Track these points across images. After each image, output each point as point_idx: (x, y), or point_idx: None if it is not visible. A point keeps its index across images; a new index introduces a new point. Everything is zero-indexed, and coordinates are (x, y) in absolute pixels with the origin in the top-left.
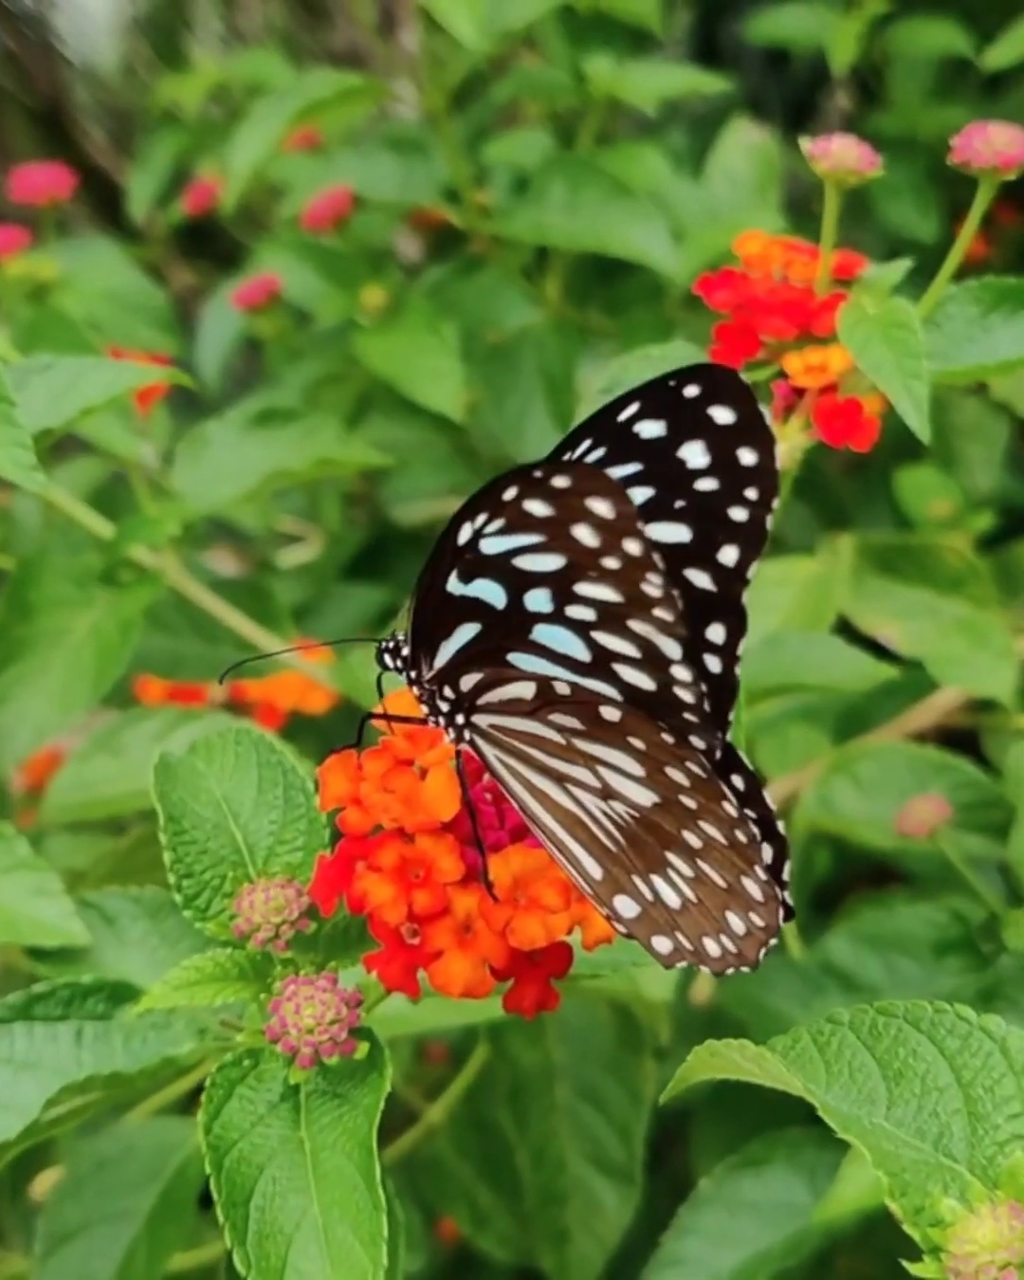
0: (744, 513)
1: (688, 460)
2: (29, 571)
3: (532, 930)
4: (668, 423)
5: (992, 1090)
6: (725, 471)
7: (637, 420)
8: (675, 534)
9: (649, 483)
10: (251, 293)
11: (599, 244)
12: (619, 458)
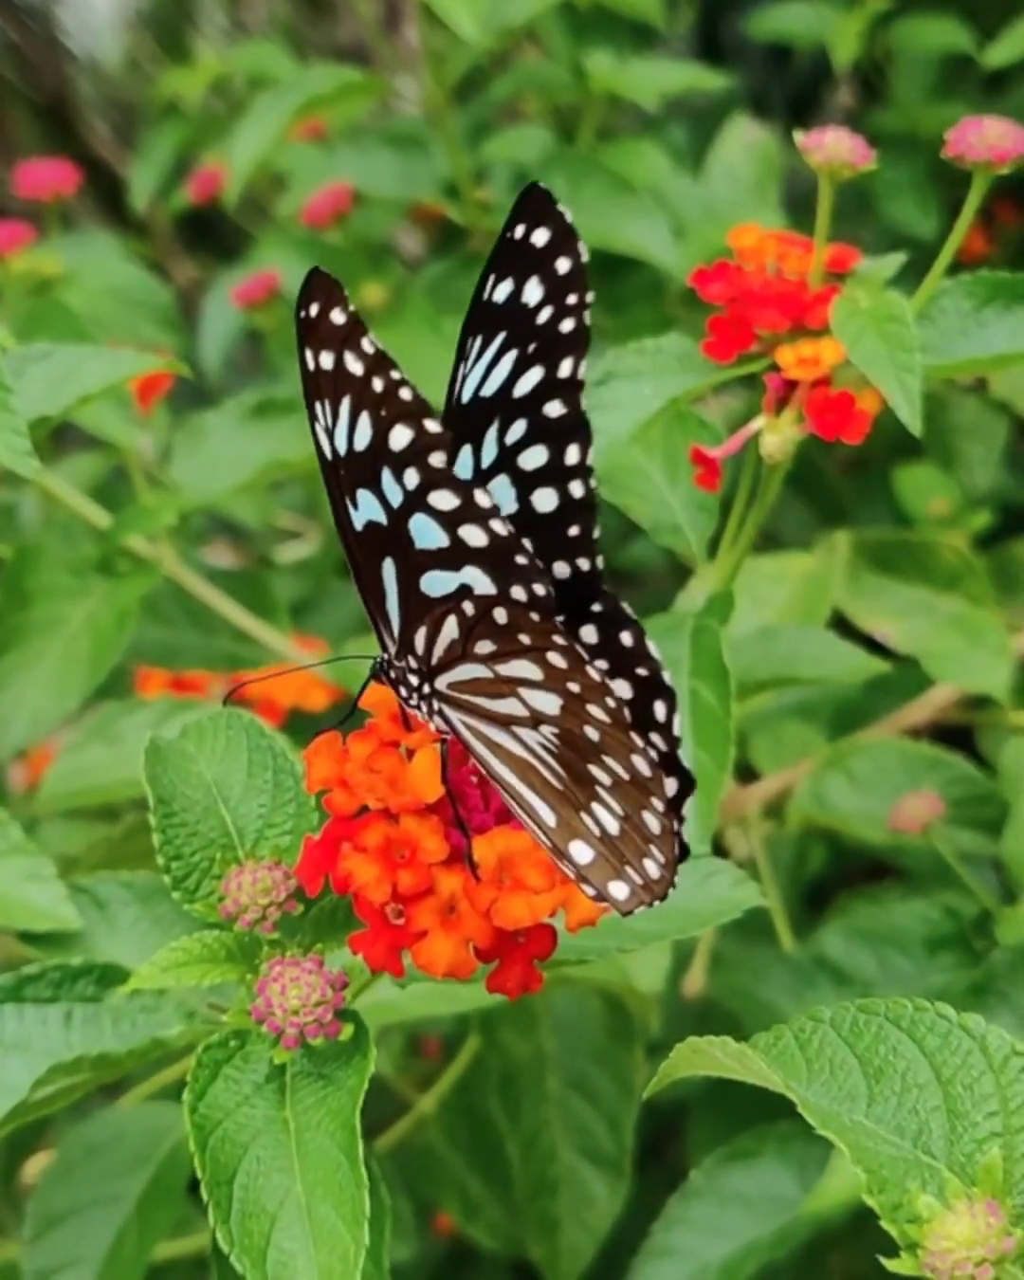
0: (571, 322)
1: (530, 300)
2: (26, 560)
3: (516, 910)
4: (512, 276)
5: (971, 1088)
6: (553, 291)
7: (493, 290)
8: (534, 376)
9: (512, 344)
10: (251, 289)
11: (599, 240)
12: (491, 332)
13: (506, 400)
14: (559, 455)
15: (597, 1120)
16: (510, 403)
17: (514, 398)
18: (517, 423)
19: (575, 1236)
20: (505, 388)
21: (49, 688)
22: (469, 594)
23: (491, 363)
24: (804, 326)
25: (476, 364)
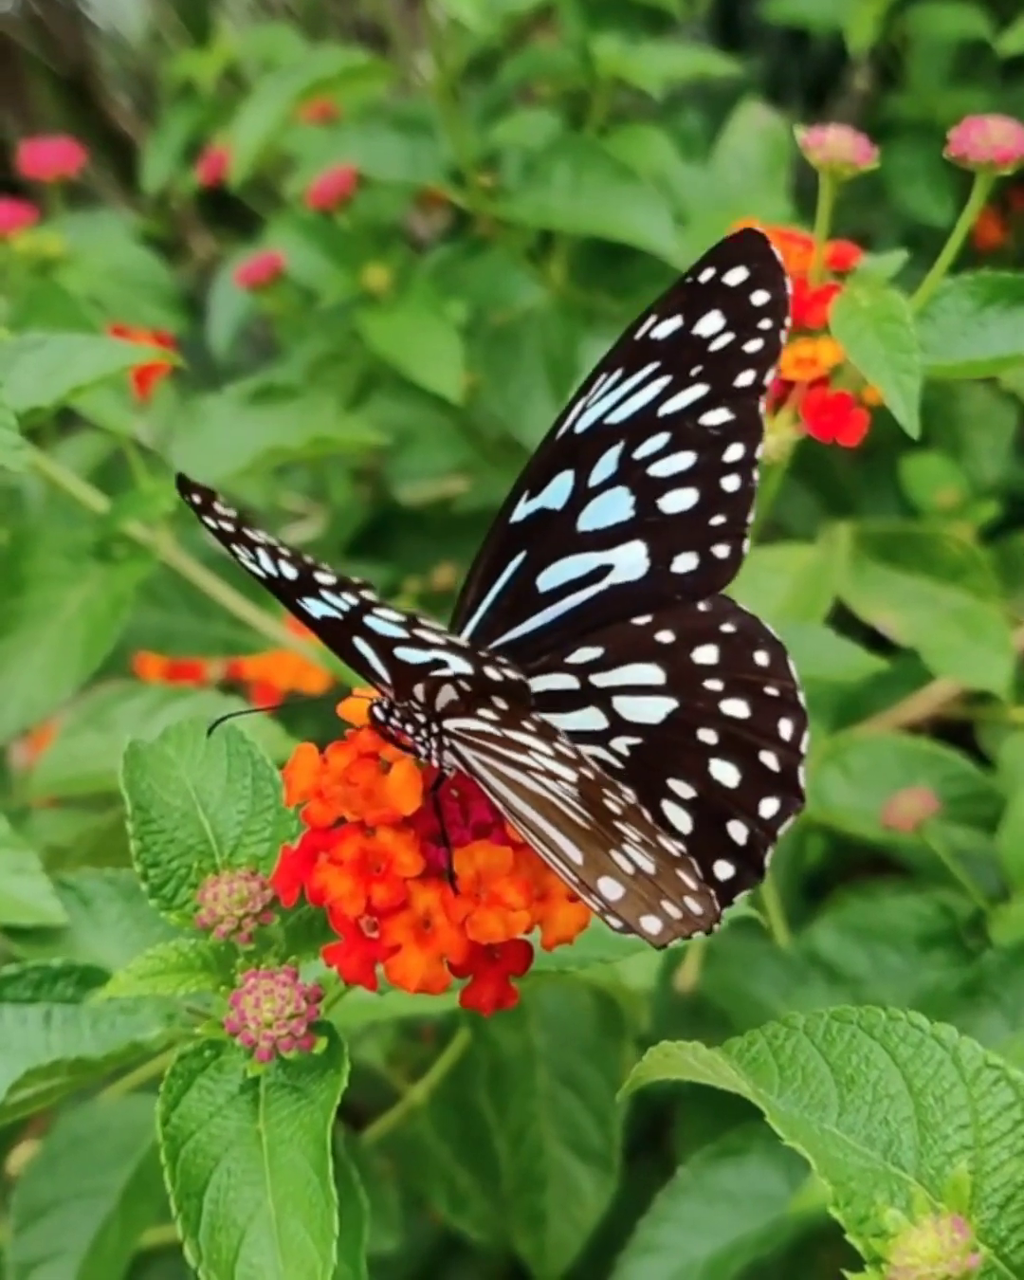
0: (758, 342)
1: (704, 331)
2: (22, 544)
3: (491, 925)
4: (683, 314)
5: (942, 1100)
6: (738, 321)
7: (653, 329)
8: (693, 394)
9: (665, 372)
10: (255, 270)
11: (601, 228)
12: (636, 365)
13: (645, 420)
14: (715, 455)
15: (585, 1115)
16: (650, 421)
17: (658, 416)
18: (654, 438)
19: (562, 1231)
20: (647, 409)
21: (43, 674)
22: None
23: (632, 391)
24: (803, 325)
25: (608, 395)
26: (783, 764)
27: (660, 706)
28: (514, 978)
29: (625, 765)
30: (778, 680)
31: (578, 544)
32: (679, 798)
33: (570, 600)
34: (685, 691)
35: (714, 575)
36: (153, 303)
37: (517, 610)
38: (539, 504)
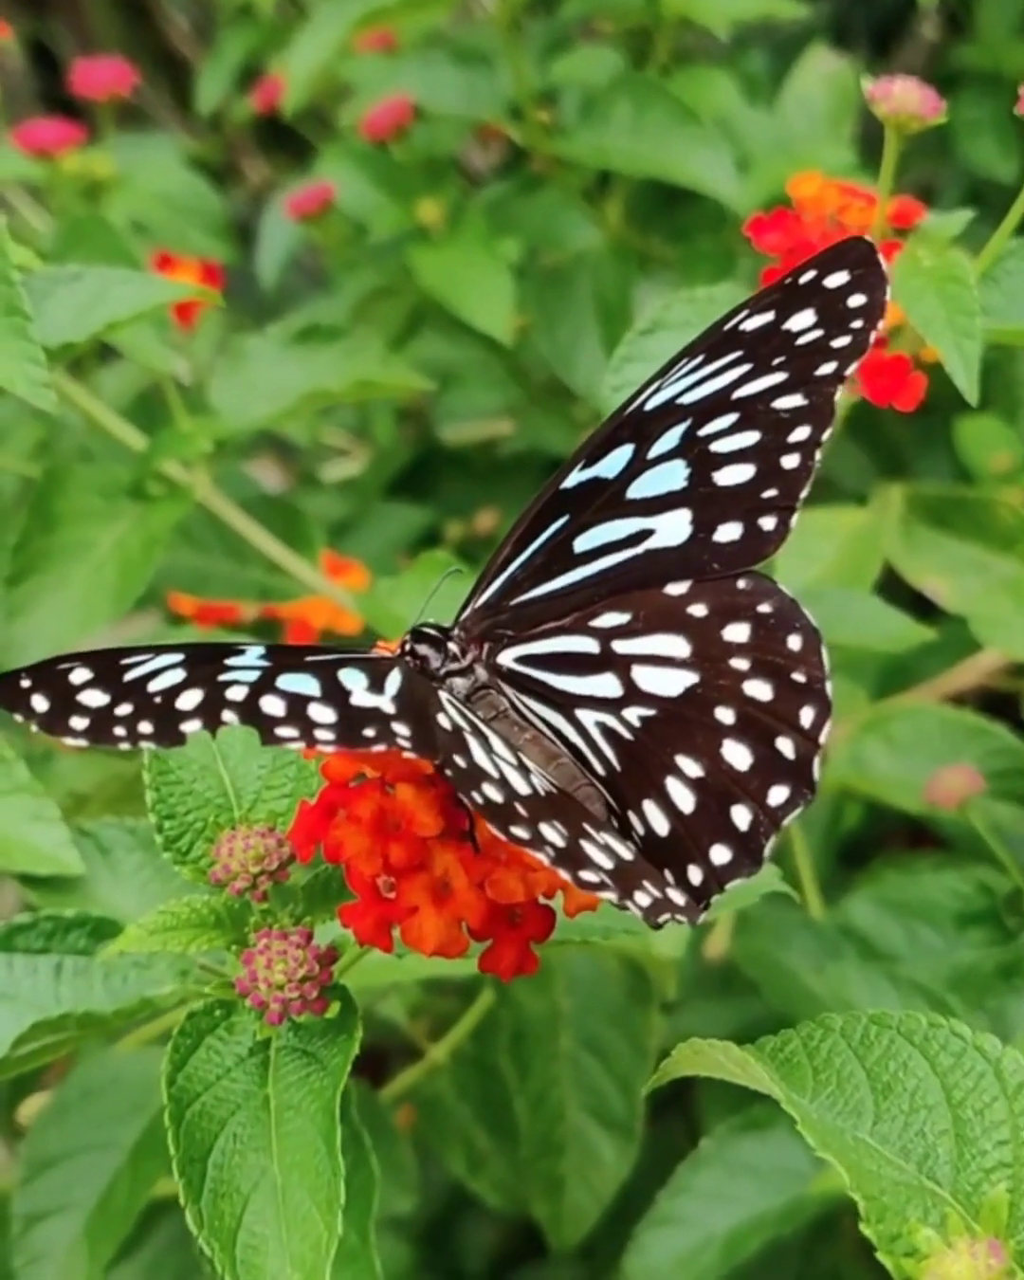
0: (846, 339)
1: (794, 327)
2: (56, 481)
3: (510, 884)
4: (776, 310)
5: (982, 1113)
6: (831, 320)
7: (742, 322)
8: (771, 379)
9: (745, 361)
10: (305, 201)
11: (661, 170)
12: (719, 354)
13: (718, 401)
14: (780, 435)
15: (608, 1081)
16: (722, 403)
17: (731, 399)
18: (723, 417)
19: (580, 1198)
20: (722, 392)
21: (72, 615)
22: None
23: (708, 376)
24: None
25: (685, 379)
26: (799, 753)
27: (680, 680)
28: (535, 943)
29: (634, 736)
30: (807, 667)
31: (624, 509)
32: (685, 775)
33: (605, 561)
34: (708, 667)
35: (756, 546)
36: (201, 229)
37: (548, 568)
38: (593, 473)
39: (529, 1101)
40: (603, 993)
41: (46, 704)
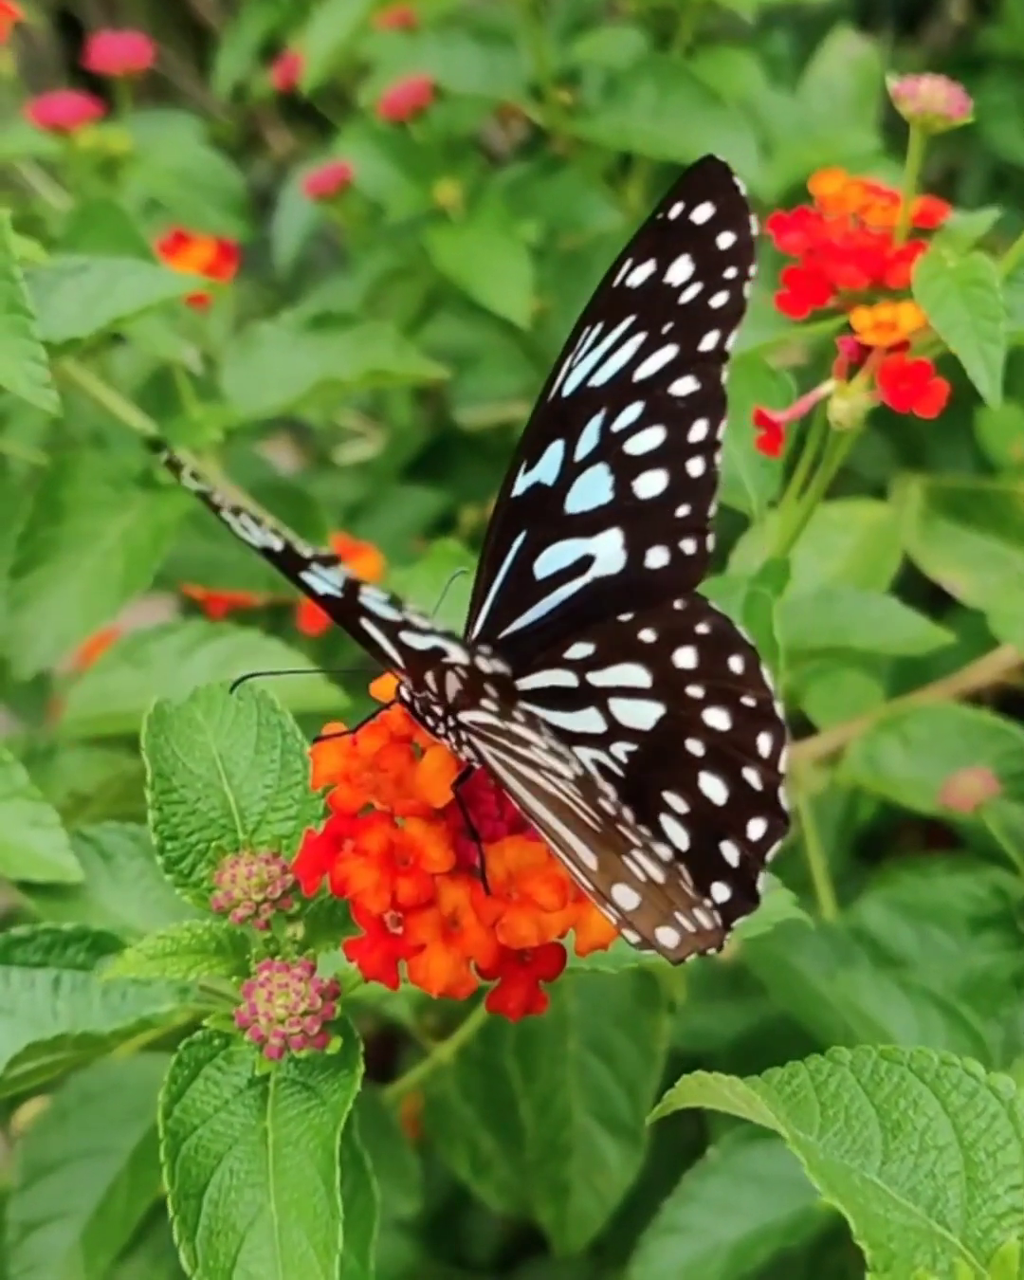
0: (725, 295)
1: (675, 280)
2: (64, 469)
3: (523, 928)
4: (656, 258)
5: (994, 1156)
6: (706, 267)
7: (629, 274)
8: (663, 357)
9: (641, 327)
10: (323, 181)
11: (683, 153)
12: (616, 318)
13: (622, 385)
14: (681, 433)
15: (615, 1085)
16: (627, 387)
17: (633, 381)
18: (630, 407)
19: (585, 1203)
20: (624, 372)
21: (77, 606)
22: None
23: (611, 349)
24: (884, 285)
25: (591, 353)
26: (764, 783)
27: (650, 712)
28: (545, 982)
29: (625, 772)
30: (754, 689)
31: (566, 528)
32: (675, 812)
33: (562, 591)
34: (671, 697)
35: (685, 572)
36: (218, 206)
37: (520, 598)
38: (535, 477)
39: (535, 1104)
40: (611, 995)
41: None
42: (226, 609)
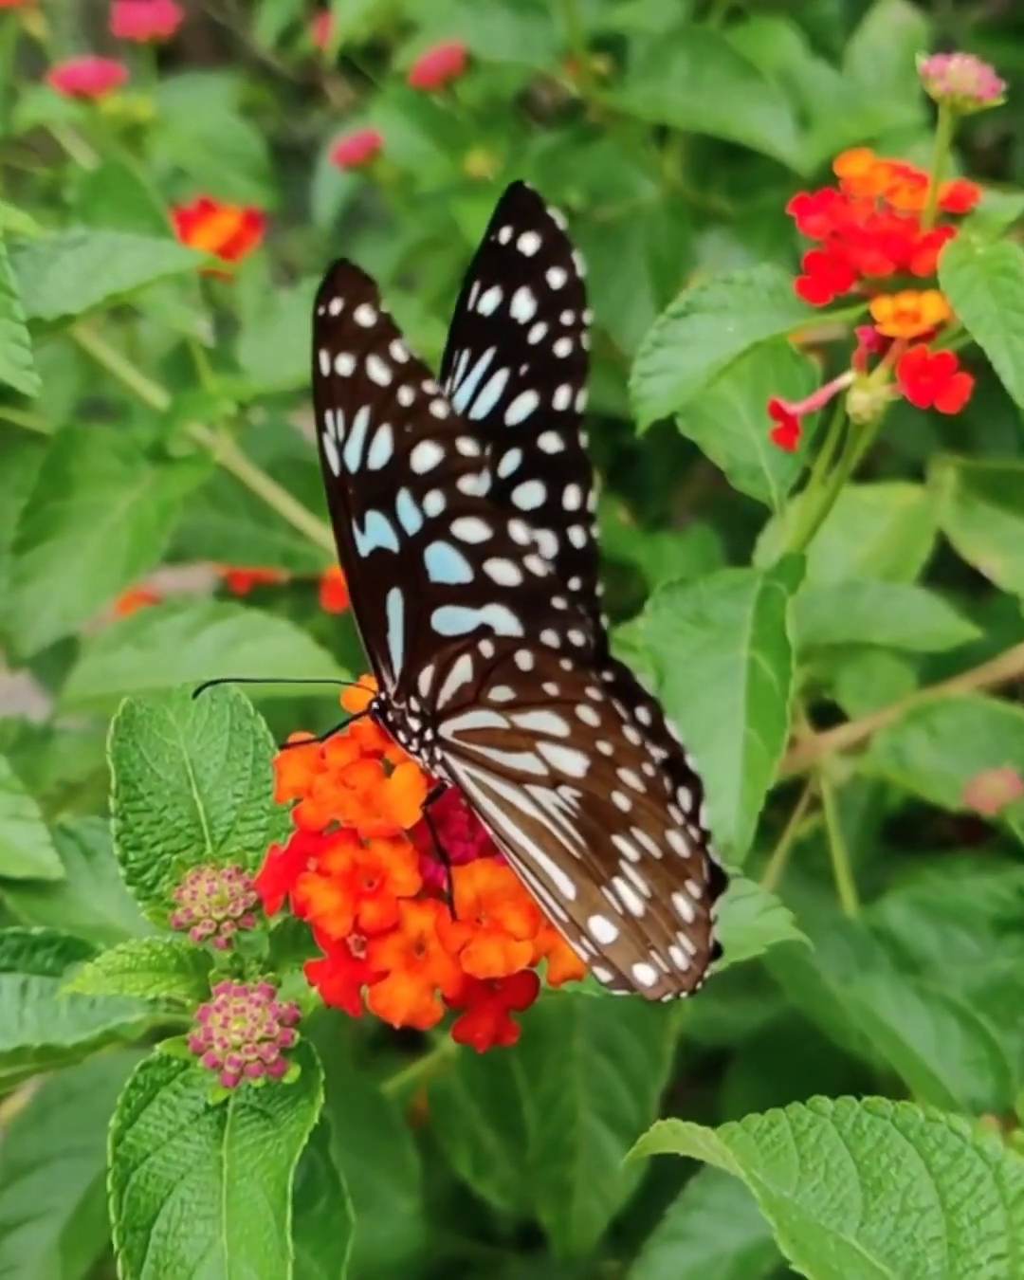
0: (567, 344)
1: (520, 315)
2: (72, 442)
3: (489, 957)
4: (501, 285)
5: (977, 1222)
6: (545, 307)
7: (478, 299)
8: (528, 402)
9: (504, 363)
10: (352, 149)
11: (718, 126)
12: (479, 346)
13: (499, 427)
14: (557, 496)
15: (622, 1085)
16: (503, 430)
17: (507, 425)
18: (510, 453)
19: (589, 1204)
20: (496, 412)
21: (83, 582)
22: (489, 634)
23: (481, 381)
24: (909, 271)
25: (464, 381)
26: (692, 845)
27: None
28: (515, 1012)
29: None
30: (663, 746)
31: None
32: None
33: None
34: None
35: (586, 647)
36: (242, 174)
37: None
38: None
39: (540, 1104)
40: None
41: None
42: (250, 584)
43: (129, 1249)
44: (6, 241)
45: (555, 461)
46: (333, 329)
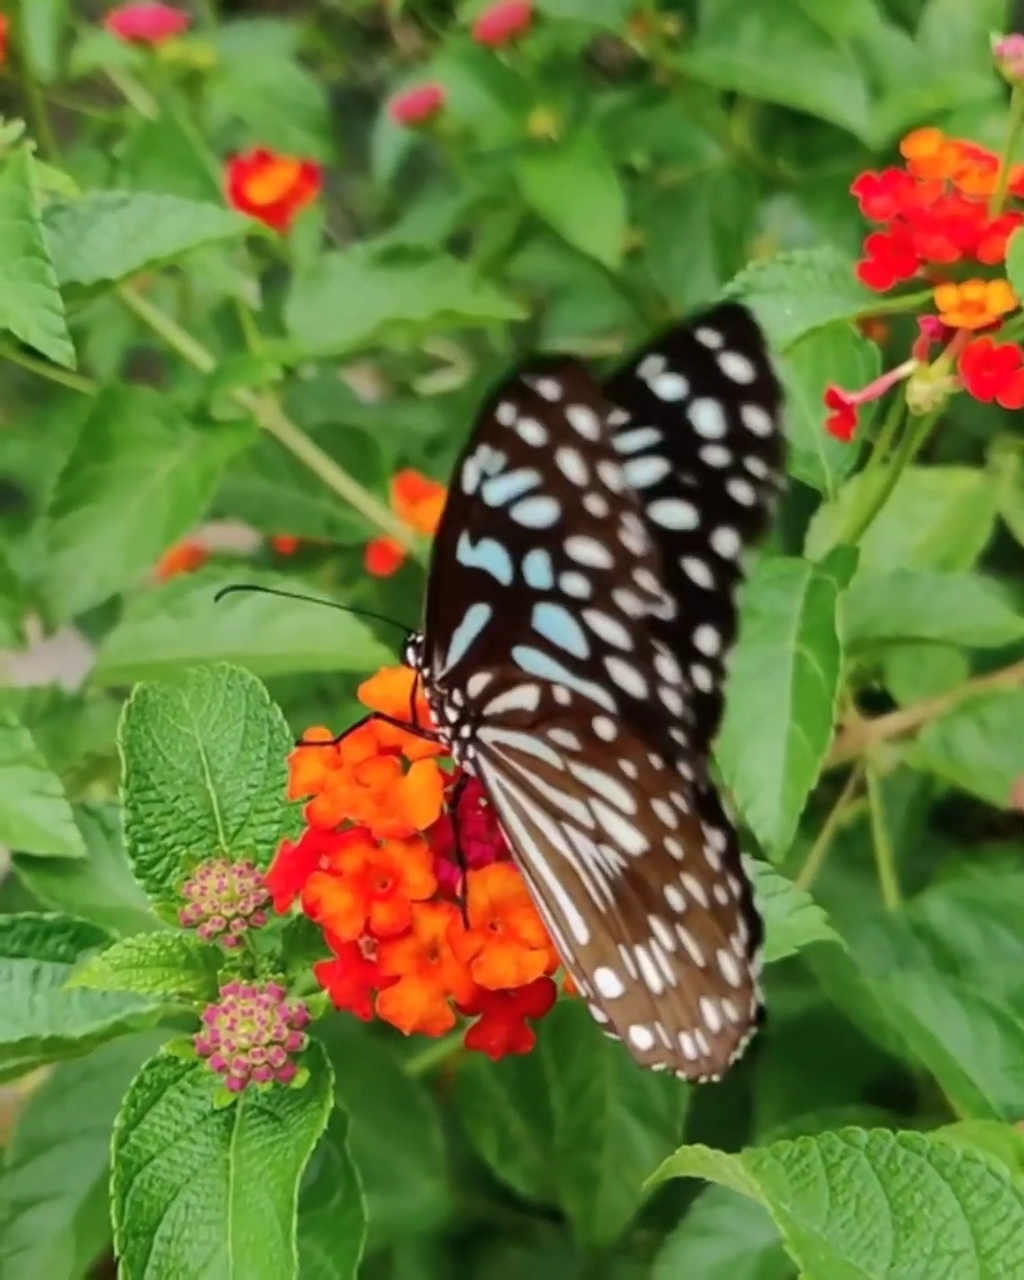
0: (747, 491)
1: (699, 425)
2: (113, 402)
3: (501, 966)
4: (687, 379)
5: (1015, 1270)
6: (735, 439)
7: (659, 376)
8: (681, 517)
9: (663, 454)
10: (413, 104)
11: (788, 94)
12: (640, 421)
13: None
14: (688, 630)
15: (651, 1076)
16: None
17: (651, 516)
18: None
19: (615, 1196)
20: (641, 496)
21: (120, 549)
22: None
23: (631, 454)
24: (976, 258)
25: (629, 438)
26: (740, 977)
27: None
28: (531, 1020)
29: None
30: (734, 875)
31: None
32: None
33: None
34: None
35: None
36: (302, 126)
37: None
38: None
39: (568, 1091)
40: None
41: None
42: (295, 545)
43: (131, 1255)
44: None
45: (696, 592)
46: (531, 397)
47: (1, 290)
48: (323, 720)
